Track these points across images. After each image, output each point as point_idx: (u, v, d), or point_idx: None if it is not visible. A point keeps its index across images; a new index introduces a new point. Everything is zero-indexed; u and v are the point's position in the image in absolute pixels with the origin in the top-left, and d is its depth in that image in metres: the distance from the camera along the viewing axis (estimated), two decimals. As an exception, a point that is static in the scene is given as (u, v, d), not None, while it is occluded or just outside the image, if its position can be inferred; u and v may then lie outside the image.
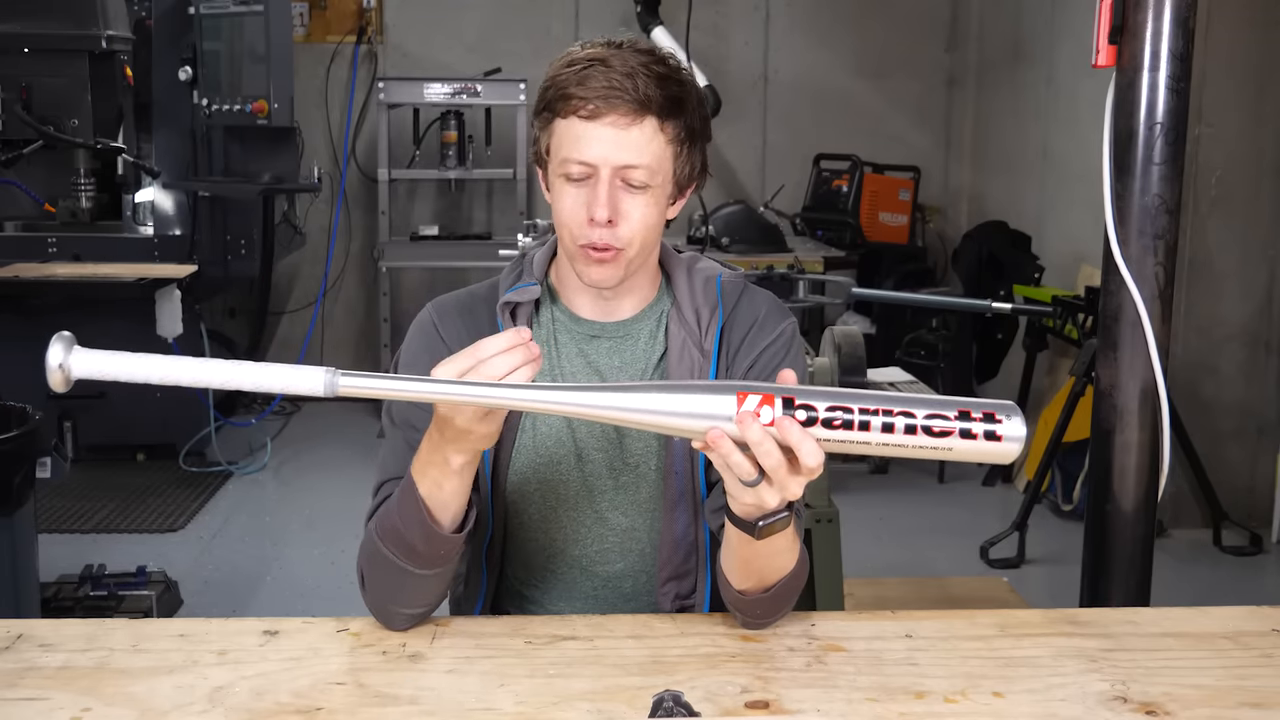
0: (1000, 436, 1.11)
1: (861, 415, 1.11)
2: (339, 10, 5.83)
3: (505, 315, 1.47)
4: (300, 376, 1.08)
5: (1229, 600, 1.56)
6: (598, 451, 1.50)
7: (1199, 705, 1.21)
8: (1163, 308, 1.93)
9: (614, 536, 1.52)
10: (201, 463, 4.68)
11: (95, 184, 4.69)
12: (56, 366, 1.05)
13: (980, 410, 1.11)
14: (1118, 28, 1.90)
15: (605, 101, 1.34)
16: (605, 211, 1.36)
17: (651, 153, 1.37)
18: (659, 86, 1.36)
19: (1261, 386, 4.21)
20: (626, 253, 1.40)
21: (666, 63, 1.39)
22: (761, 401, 1.11)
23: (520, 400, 1.14)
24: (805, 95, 6.04)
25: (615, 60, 1.35)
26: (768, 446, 1.11)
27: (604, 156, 1.35)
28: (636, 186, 1.37)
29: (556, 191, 1.41)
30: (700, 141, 1.44)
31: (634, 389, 1.13)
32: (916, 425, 1.10)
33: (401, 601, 1.35)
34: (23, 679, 1.22)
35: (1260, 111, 4.08)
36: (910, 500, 4.57)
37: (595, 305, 1.50)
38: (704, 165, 1.47)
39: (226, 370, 1.08)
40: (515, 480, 1.50)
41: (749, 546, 1.26)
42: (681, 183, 1.44)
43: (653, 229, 1.41)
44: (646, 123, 1.36)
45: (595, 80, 1.34)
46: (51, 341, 1.06)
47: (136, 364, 1.07)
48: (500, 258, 4.57)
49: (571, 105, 1.36)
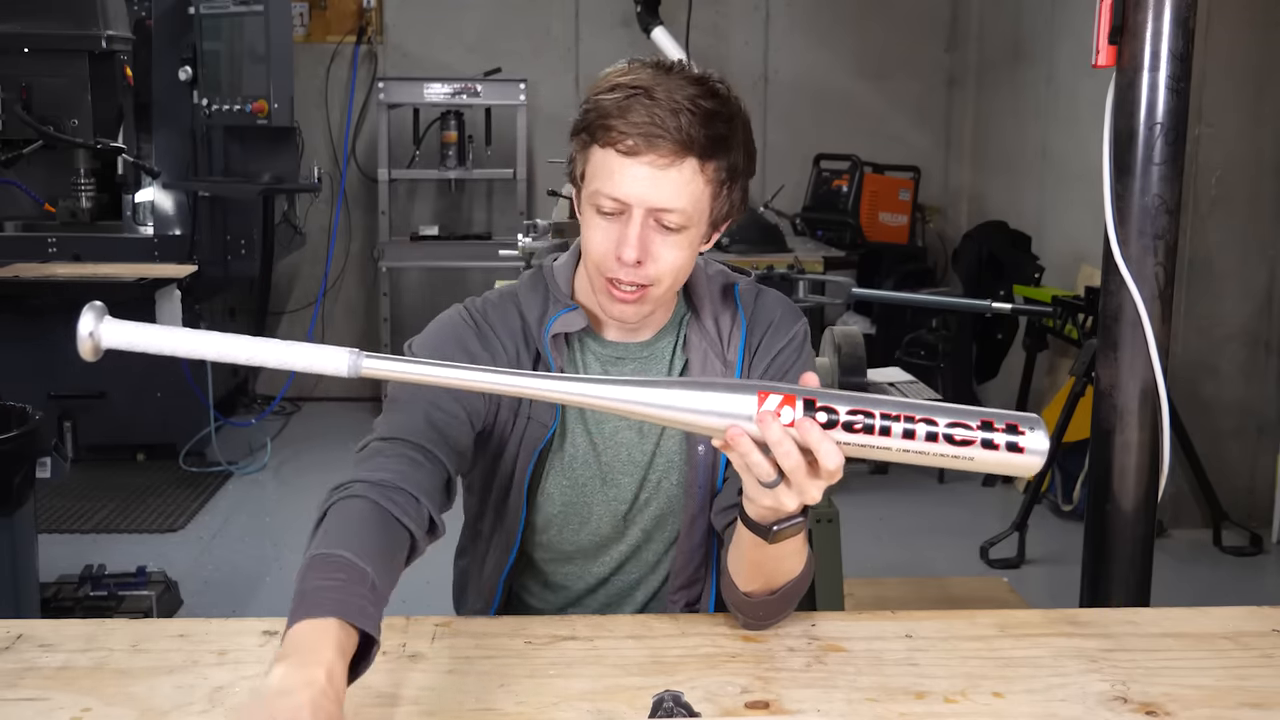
0: (1022, 449, 1.09)
1: (883, 420, 1.09)
2: (339, 10, 5.83)
3: (554, 346, 1.43)
4: (325, 356, 1.07)
5: (1229, 600, 1.56)
6: (624, 475, 1.49)
7: (1199, 705, 1.21)
8: (1163, 308, 1.93)
9: (633, 553, 1.52)
10: (201, 463, 4.68)
11: (95, 184, 4.69)
12: (87, 335, 1.05)
13: (1004, 421, 1.09)
14: (1118, 28, 1.90)
15: (645, 139, 1.28)
16: (634, 253, 1.31)
17: (689, 195, 1.31)
18: (704, 125, 1.29)
19: (1261, 386, 4.21)
20: (653, 291, 1.36)
21: (716, 94, 1.31)
22: (783, 402, 1.10)
23: (543, 390, 1.12)
24: (805, 95, 6.04)
25: (660, 92, 1.28)
26: (787, 447, 1.09)
27: (639, 196, 1.30)
28: (670, 228, 1.32)
29: (587, 220, 1.36)
30: (743, 179, 1.38)
31: (657, 384, 1.12)
32: (938, 433, 1.09)
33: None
34: (23, 679, 1.22)
35: (1260, 111, 4.07)
36: (910, 500, 4.57)
37: (619, 328, 1.47)
38: (744, 200, 1.40)
39: (252, 346, 1.08)
40: (541, 500, 1.49)
41: (760, 550, 1.25)
42: (717, 222, 1.39)
43: (683, 269, 1.36)
44: (686, 164, 1.30)
45: (637, 114, 1.28)
46: (83, 311, 1.05)
47: (165, 336, 1.07)
48: (500, 258, 4.57)
49: (610, 136, 1.30)
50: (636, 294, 1.35)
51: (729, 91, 1.34)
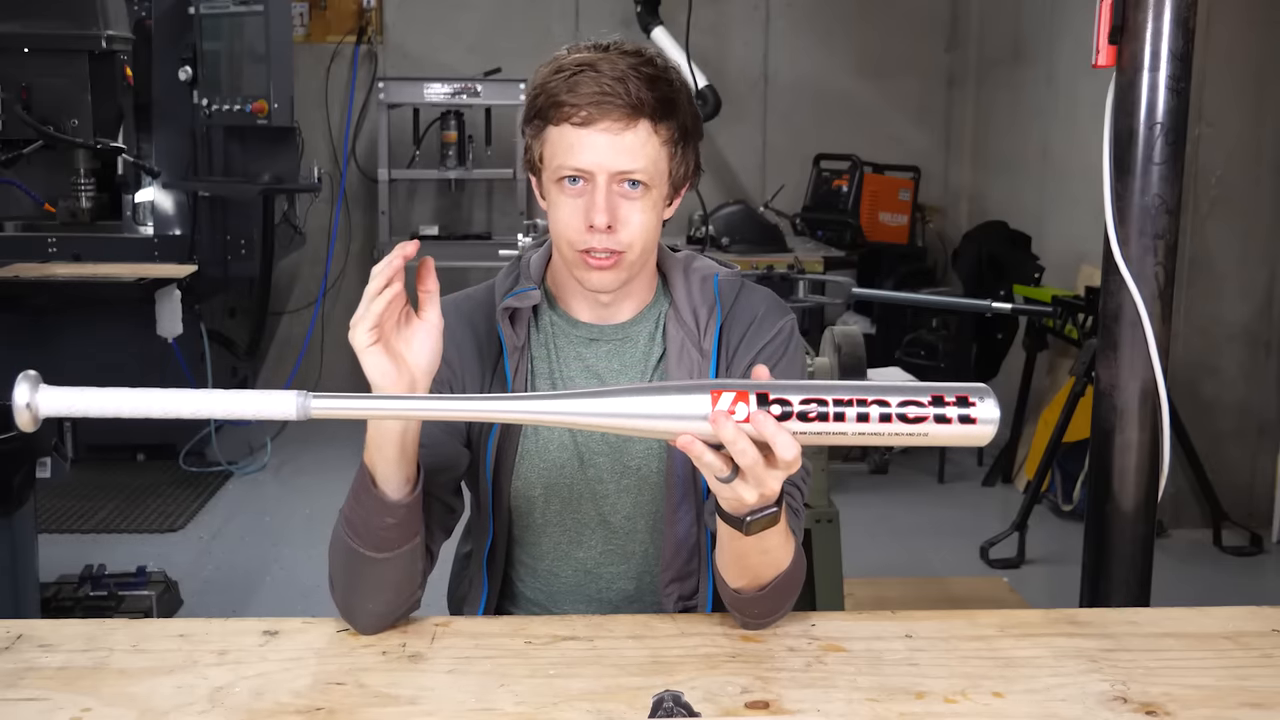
0: (975, 420, 1.12)
1: (836, 407, 1.11)
2: (339, 10, 5.83)
3: (505, 321, 1.47)
4: (272, 402, 1.07)
5: (1229, 600, 1.56)
6: (600, 456, 1.50)
7: (1199, 705, 1.20)
8: (1163, 308, 1.93)
9: (617, 539, 1.52)
10: (201, 463, 4.68)
11: (95, 184, 4.68)
12: (24, 406, 1.04)
13: (954, 395, 1.12)
14: (1118, 28, 1.90)
15: (598, 107, 1.34)
16: (604, 217, 1.35)
17: (647, 156, 1.36)
18: (650, 89, 1.35)
19: (1261, 386, 4.21)
20: (627, 256, 1.40)
21: (655, 63, 1.39)
22: (736, 399, 1.11)
23: (495, 412, 1.15)
24: (805, 95, 6.04)
25: (604, 64, 1.35)
26: (742, 445, 1.11)
27: (600, 163, 1.35)
28: (634, 191, 1.37)
29: (553, 199, 1.40)
30: (694, 140, 1.43)
31: (608, 394, 1.13)
32: (891, 414, 1.11)
33: (361, 592, 1.31)
34: (23, 679, 1.22)
35: (1260, 111, 4.08)
36: (910, 500, 4.57)
37: (593, 309, 1.50)
38: (698, 163, 1.46)
39: (197, 400, 1.07)
40: (519, 485, 1.50)
41: (739, 542, 1.26)
42: (677, 183, 1.44)
43: (651, 231, 1.41)
44: (640, 126, 1.36)
45: (586, 86, 1.34)
46: (17, 380, 1.04)
47: (106, 398, 1.05)
48: (500, 258, 4.57)
49: (564, 112, 1.35)
50: (611, 259, 1.39)
51: (667, 62, 1.41)
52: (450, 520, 1.45)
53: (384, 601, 1.33)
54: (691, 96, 1.44)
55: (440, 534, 1.43)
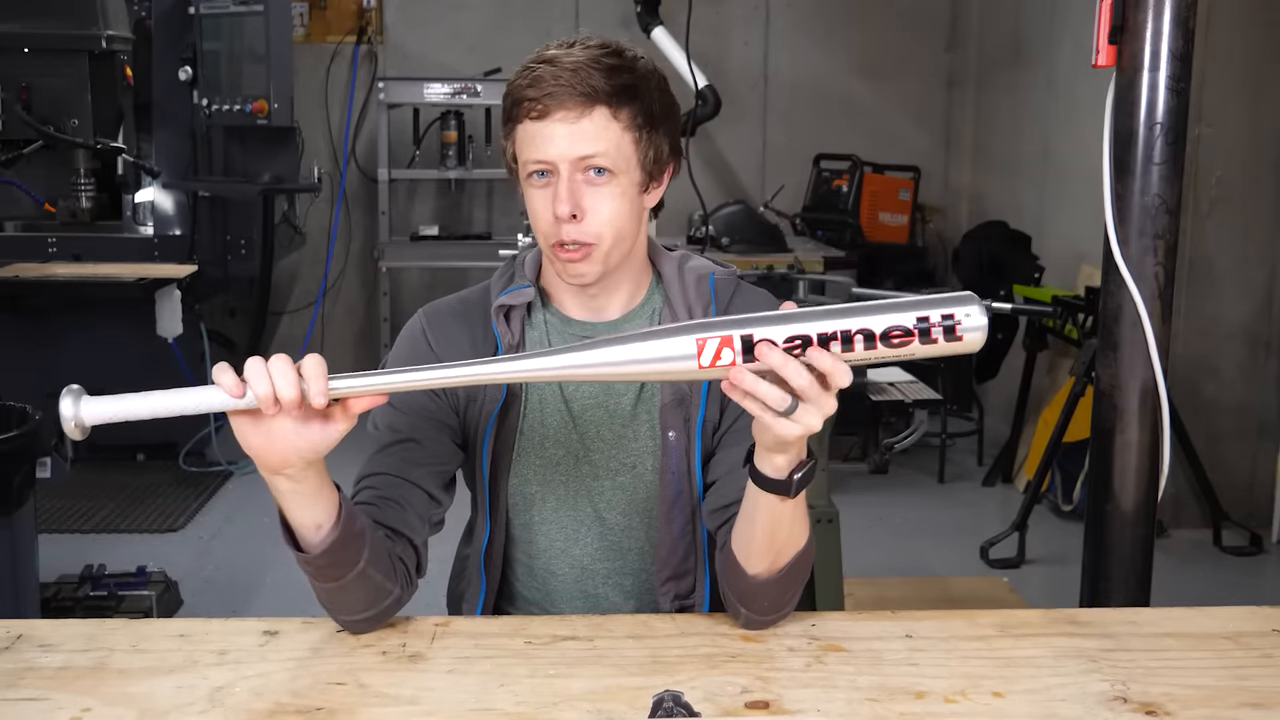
0: (960, 335, 1.12)
1: (820, 340, 1.11)
2: (339, 10, 5.83)
3: (500, 319, 1.47)
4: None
5: (1229, 600, 1.56)
6: (596, 452, 1.50)
7: (1199, 705, 1.20)
8: (1163, 308, 1.93)
9: (613, 536, 1.52)
10: (201, 463, 4.68)
11: (95, 184, 4.68)
12: (70, 418, 1.12)
13: (938, 312, 1.11)
14: (1118, 28, 1.90)
15: (553, 99, 1.35)
16: (567, 206, 1.36)
17: (607, 140, 1.36)
18: (607, 77, 1.35)
19: (1261, 386, 4.21)
20: (599, 247, 1.39)
21: (621, 54, 1.39)
22: (721, 344, 1.11)
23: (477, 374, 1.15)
24: (805, 95, 6.04)
25: (565, 59, 1.36)
26: (794, 367, 1.10)
27: (561, 153, 1.36)
28: (599, 178, 1.37)
29: (527, 197, 1.42)
30: (664, 125, 1.42)
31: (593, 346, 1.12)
32: (875, 337, 1.11)
33: (333, 608, 1.32)
34: (23, 679, 1.22)
35: (1260, 111, 4.07)
36: (910, 500, 4.57)
37: (585, 306, 1.49)
38: (674, 148, 1.45)
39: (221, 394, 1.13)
40: (515, 482, 1.51)
41: (777, 511, 1.25)
42: (650, 169, 1.42)
43: (625, 219, 1.40)
44: (597, 112, 1.36)
45: (543, 81, 1.35)
46: (62, 395, 1.12)
47: (142, 402, 1.13)
48: (500, 258, 4.56)
49: (524, 108, 1.37)
50: (581, 251, 1.39)
51: (635, 53, 1.41)
52: (435, 511, 1.44)
53: (359, 611, 1.32)
54: (663, 84, 1.43)
55: (422, 524, 1.41)
